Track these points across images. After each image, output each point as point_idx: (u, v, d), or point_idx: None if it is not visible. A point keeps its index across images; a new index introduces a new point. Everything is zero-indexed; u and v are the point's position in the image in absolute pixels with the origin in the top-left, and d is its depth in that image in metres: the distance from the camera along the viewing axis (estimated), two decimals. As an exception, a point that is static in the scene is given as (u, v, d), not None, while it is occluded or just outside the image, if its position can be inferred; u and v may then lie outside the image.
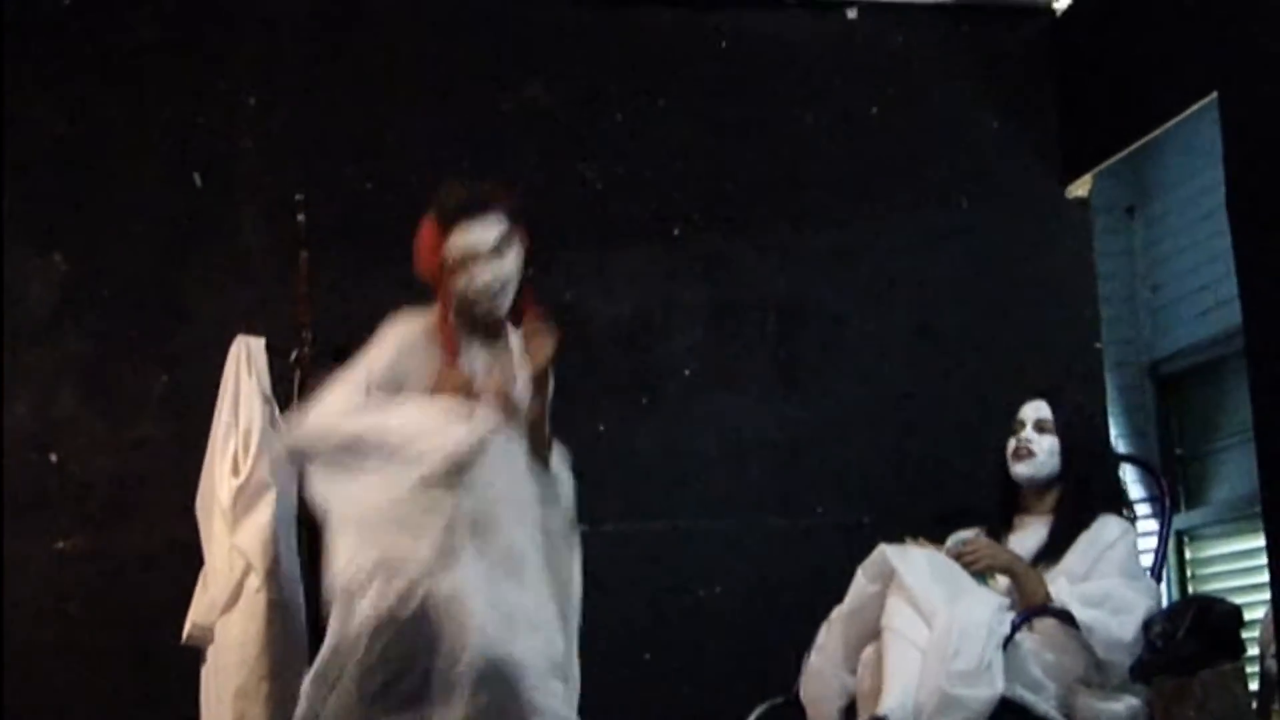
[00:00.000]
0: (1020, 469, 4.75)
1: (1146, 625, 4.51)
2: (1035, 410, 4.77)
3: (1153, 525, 5.15)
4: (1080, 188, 6.05)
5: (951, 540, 4.83)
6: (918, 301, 5.83)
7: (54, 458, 5.40)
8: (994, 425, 4.88)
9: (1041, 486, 4.76)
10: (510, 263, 4.17)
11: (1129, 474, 5.56)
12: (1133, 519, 4.78)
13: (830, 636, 4.53)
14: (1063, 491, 4.73)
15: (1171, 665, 4.72)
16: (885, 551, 4.43)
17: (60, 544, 5.32)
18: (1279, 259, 4.63)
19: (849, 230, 5.85)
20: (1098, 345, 5.98)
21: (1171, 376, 6.92)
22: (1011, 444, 4.78)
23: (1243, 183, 4.78)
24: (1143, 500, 5.62)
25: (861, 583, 4.46)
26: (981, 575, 4.55)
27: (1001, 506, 4.84)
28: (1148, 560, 4.92)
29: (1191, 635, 4.74)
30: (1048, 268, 5.95)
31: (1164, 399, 6.92)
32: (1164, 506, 5.00)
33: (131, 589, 5.21)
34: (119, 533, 5.27)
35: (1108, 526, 4.65)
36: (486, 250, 4.14)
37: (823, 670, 4.52)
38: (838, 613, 4.53)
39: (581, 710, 5.42)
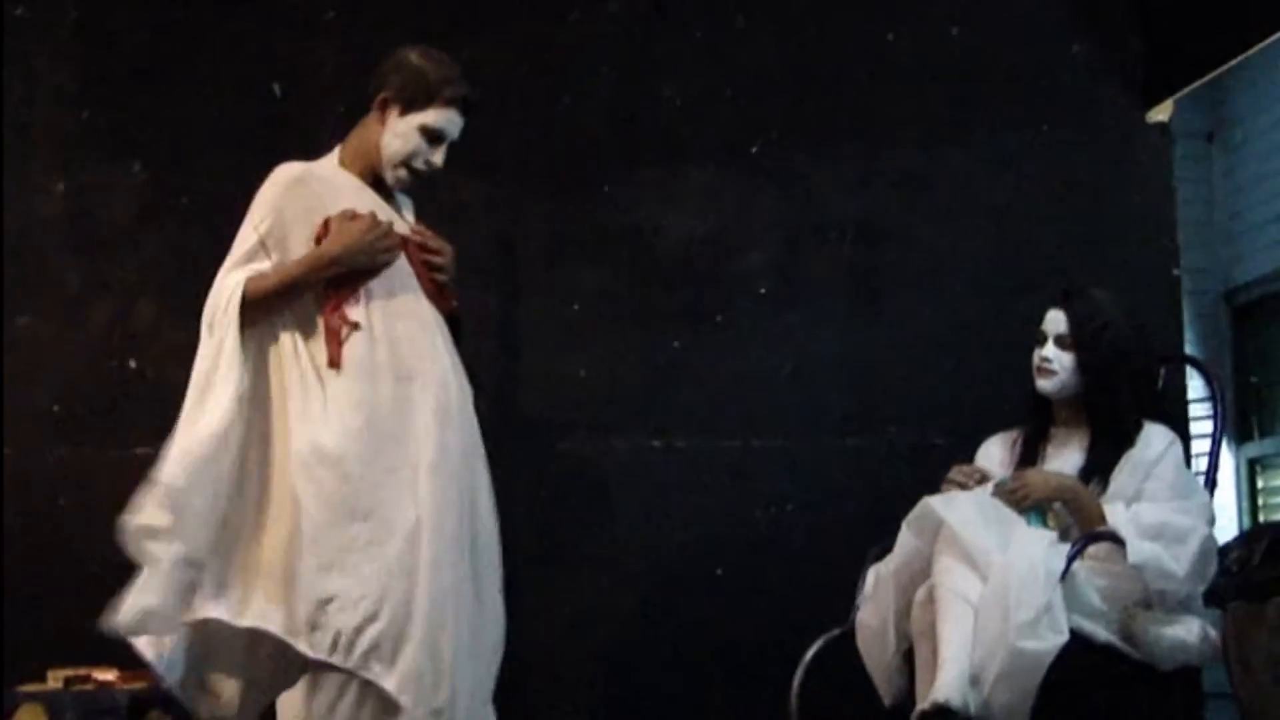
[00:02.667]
0: (1043, 385, 4.69)
1: (1223, 551, 4.49)
2: (1055, 324, 4.68)
3: (1207, 427, 5.11)
4: (1161, 113, 6.00)
5: (994, 446, 4.82)
6: (995, 224, 5.80)
7: (133, 364, 5.46)
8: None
9: (1070, 400, 4.72)
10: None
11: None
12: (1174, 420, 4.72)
13: (880, 591, 4.48)
14: (1091, 402, 4.67)
15: (1245, 591, 4.71)
16: (931, 504, 4.38)
17: (139, 450, 5.37)
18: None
19: (927, 151, 5.82)
20: (1175, 272, 5.94)
21: (1247, 304, 6.86)
22: (1034, 358, 4.72)
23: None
24: (1198, 400, 5.58)
25: (908, 537, 4.41)
26: (1038, 509, 4.54)
27: (1034, 419, 4.78)
28: (1202, 465, 4.89)
29: (1267, 562, 4.74)
30: (1127, 193, 5.91)
31: (1239, 327, 6.88)
32: (1217, 407, 4.97)
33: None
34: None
35: (1153, 439, 4.58)
36: (449, 140, 4.25)
37: (875, 625, 4.48)
38: (885, 567, 4.48)
39: (653, 621, 5.49)
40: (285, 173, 4.20)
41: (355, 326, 4.09)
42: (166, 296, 5.47)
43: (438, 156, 4.23)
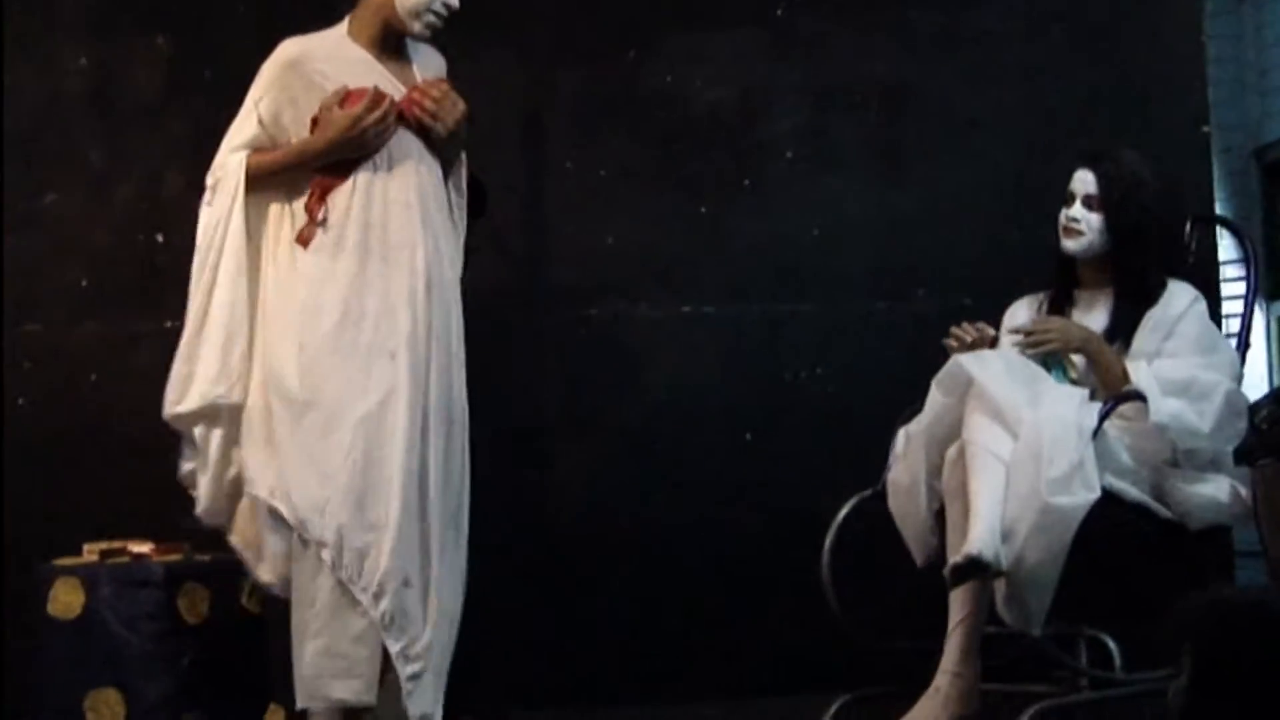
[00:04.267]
0: (1069, 245, 4.64)
1: (1252, 409, 4.48)
2: (1083, 184, 4.63)
3: (1239, 289, 5.10)
4: (1191, -33, 5.93)
5: (1021, 308, 4.80)
6: (1024, 84, 5.75)
7: (160, 238, 5.46)
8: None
9: (1096, 260, 4.70)
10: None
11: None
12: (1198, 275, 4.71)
13: (911, 450, 4.48)
14: (1118, 261, 4.64)
15: (1276, 448, 4.72)
16: (961, 361, 4.37)
17: (169, 323, 5.38)
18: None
19: (954, 12, 5.76)
20: (1205, 129, 5.89)
21: (1278, 162, 6.83)
22: (1061, 218, 4.68)
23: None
24: (1230, 262, 5.56)
25: (937, 395, 4.40)
26: (1058, 361, 4.53)
27: (1060, 279, 4.76)
28: (1234, 325, 4.88)
29: (1297, 420, 4.74)
30: (1156, 50, 5.84)
31: (1270, 183, 6.85)
32: (1251, 268, 4.94)
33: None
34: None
35: (1175, 297, 4.55)
36: None
37: (906, 484, 4.48)
38: (916, 426, 4.48)
39: (684, 484, 5.51)
40: (284, 51, 4.22)
41: (321, 223, 4.13)
42: (192, 170, 5.41)
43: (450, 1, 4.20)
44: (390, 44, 4.25)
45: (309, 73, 4.18)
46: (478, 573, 4.28)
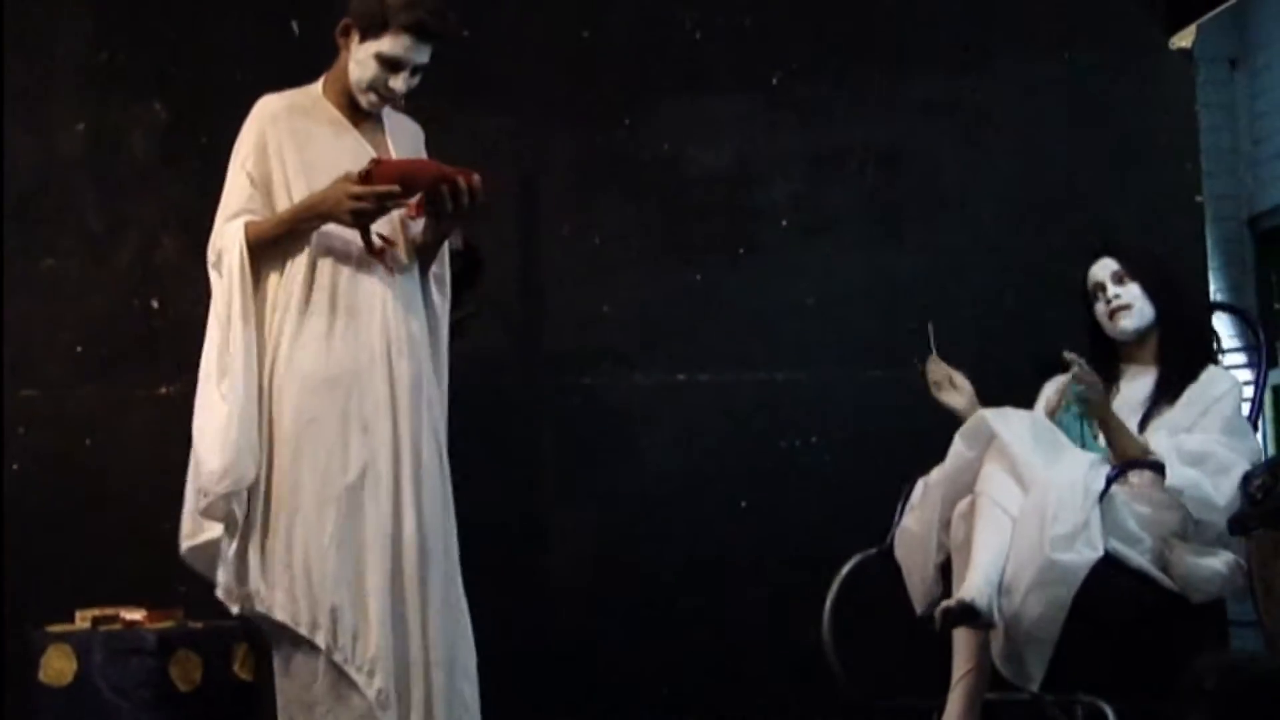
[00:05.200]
0: (1124, 324, 4.69)
1: (1246, 478, 4.49)
2: (1105, 268, 4.71)
3: (1248, 375, 5.12)
4: (1184, 39, 5.95)
5: (1043, 399, 4.82)
6: (1017, 151, 5.77)
7: (155, 304, 5.46)
8: (1093, 276, 4.84)
9: (1144, 335, 4.73)
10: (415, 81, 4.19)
11: (1225, 325, 5.53)
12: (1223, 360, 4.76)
13: (927, 499, 4.50)
14: (1162, 335, 4.70)
15: (1269, 519, 4.71)
16: (984, 416, 4.40)
17: (164, 389, 5.39)
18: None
19: (949, 79, 5.78)
20: (1198, 199, 5.91)
21: (1271, 231, 6.85)
22: (1100, 308, 4.72)
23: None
24: (1238, 350, 5.58)
25: (960, 448, 4.42)
26: (1087, 422, 4.55)
27: (1103, 363, 4.79)
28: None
29: (1291, 489, 4.73)
30: (1149, 119, 5.87)
31: (1263, 254, 6.86)
32: (1261, 356, 4.97)
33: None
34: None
35: (1216, 380, 4.60)
36: (415, 66, 4.15)
37: (917, 532, 4.50)
38: (935, 476, 4.50)
39: (680, 555, 5.50)
40: (264, 107, 4.21)
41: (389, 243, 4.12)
42: (189, 234, 5.45)
43: (398, 83, 4.13)
44: (360, 107, 4.22)
45: (291, 128, 4.16)
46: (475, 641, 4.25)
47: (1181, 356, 4.65)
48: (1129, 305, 4.69)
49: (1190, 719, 4.12)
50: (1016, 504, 4.21)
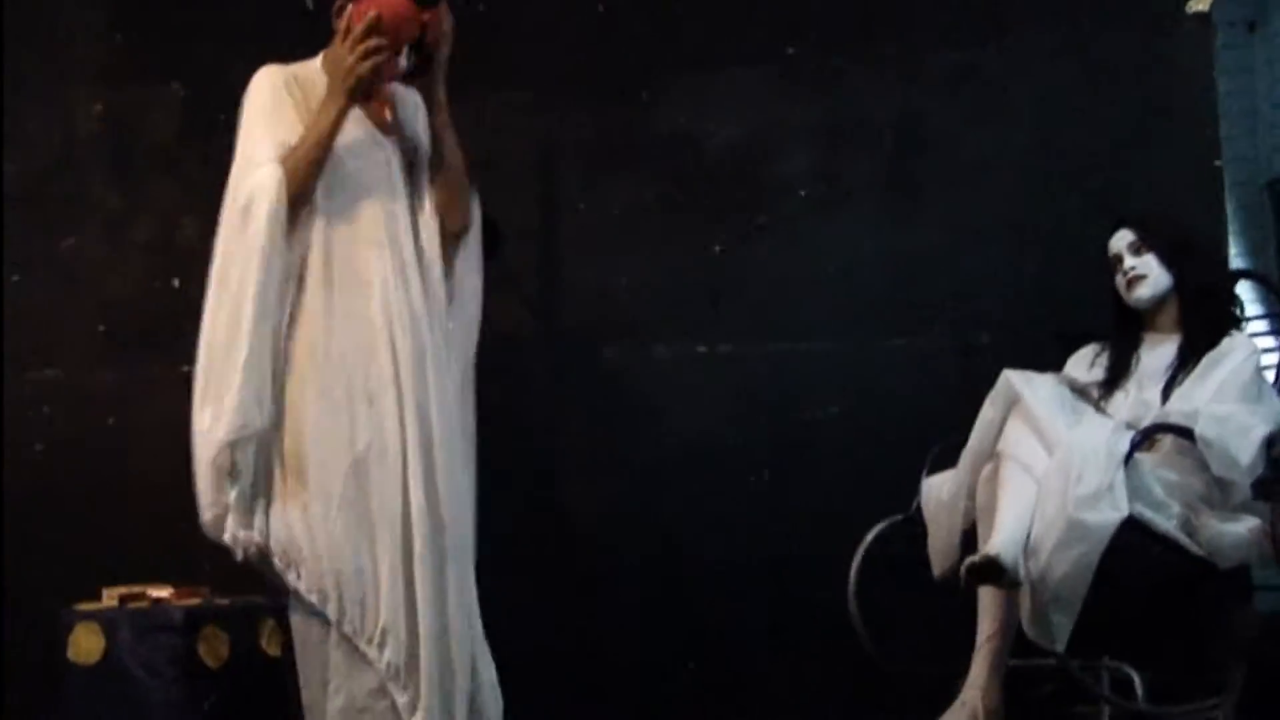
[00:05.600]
0: (1139, 293, 4.72)
1: (1269, 443, 4.50)
2: (1122, 239, 4.75)
3: (1269, 342, 5.12)
4: (1201, 3, 5.93)
5: (1086, 353, 4.82)
6: (1035, 120, 5.75)
7: (177, 283, 5.48)
8: (1113, 243, 4.84)
9: (1162, 303, 4.74)
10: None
11: (1245, 290, 5.53)
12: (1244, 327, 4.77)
13: (959, 465, 4.51)
14: (1182, 303, 4.72)
15: (1293, 483, 4.72)
16: (1009, 377, 4.42)
17: (185, 368, 5.39)
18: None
19: (965, 48, 5.77)
20: (1217, 163, 5.90)
21: (1291, 195, 6.82)
22: (1119, 279, 4.76)
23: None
24: (1260, 317, 5.58)
25: (986, 411, 4.44)
26: None
27: (1125, 331, 4.81)
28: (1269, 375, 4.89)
29: (1313, 453, 4.73)
30: (1167, 85, 5.85)
31: (1282, 218, 6.83)
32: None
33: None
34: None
35: (1235, 347, 4.61)
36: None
37: (944, 498, 4.52)
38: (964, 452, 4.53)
39: (700, 525, 5.51)
40: (268, 75, 4.16)
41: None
42: (209, 214, 5.45)
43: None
44: None
45: (297, 99, 4.11)
46: (492, 612, 4.26)
47: (1202, 324, 4.67)
48: (1144, 276, 4.72)
49: (1229, 672, 4.15)
50: (1041, 464, 4.23)
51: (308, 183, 4.00)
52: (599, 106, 5.70)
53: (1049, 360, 4.86)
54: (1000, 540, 4.13)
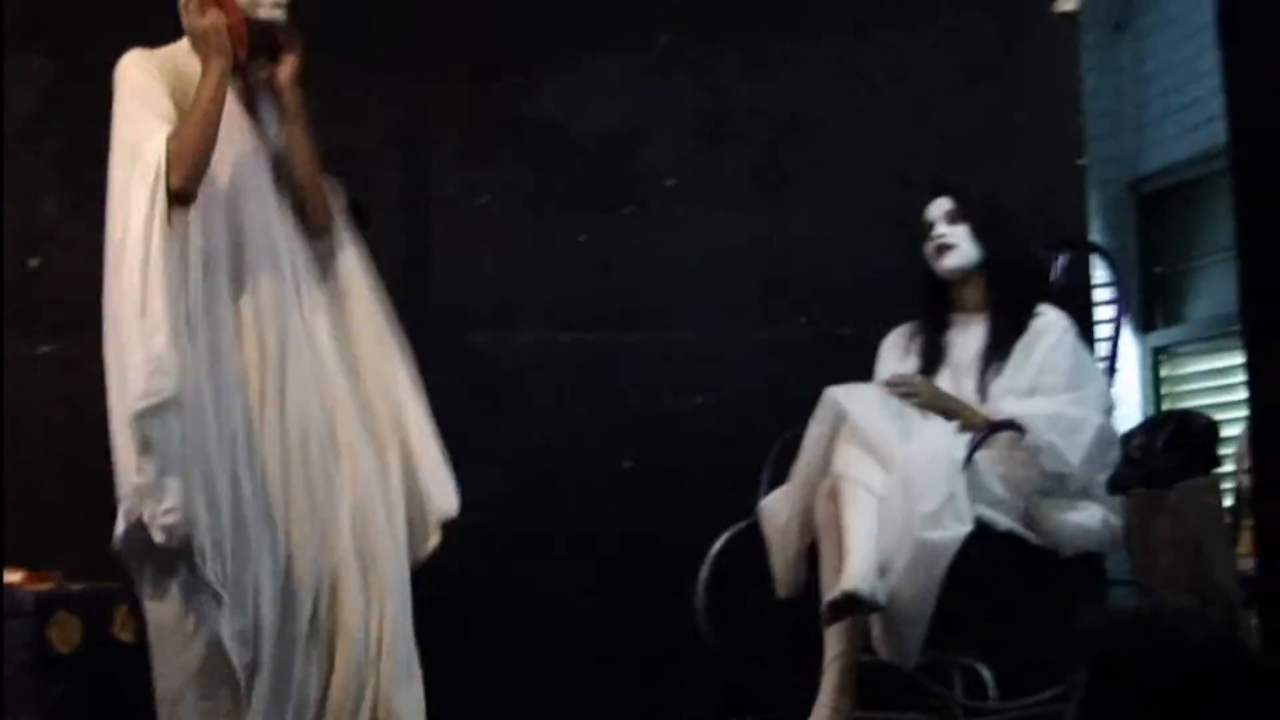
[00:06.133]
0: (945, 262, 4.71)
1: (1126, 438, 4.55)
2: (939, 207, 4.75)
3: (1109, 311, 5.18)
4: (1068, 2, 5.99)
5: (896, 338, 4.83)
6: (903, 113, 5.78)
7: (34, 261, 5.39)
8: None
9: (967, 277, 4.74)
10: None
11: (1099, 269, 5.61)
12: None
13: (791, 482, 4.53)
14: (990, 279, 4.71)
15: (1148, 478, 4.79)
16: (833, 394, 4.41)
17: (42, 348, 5.33)
18: (1265, 77, 4.59)
19: (836, 41, 5.79)
20: (1081, 161, 5.96)
21: (1154, 193, 6.93)
22: (928, 246, 4.75)
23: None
24: (1101, 286, 5.63)
25: (812, 429, 4.45)
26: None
27: (932, 308, 4.81)
28: (1104, 350, 4.95)
29: (1169, 448, 4.81)
30: (1034, 83, 5.90)
31: (1146, 216, 6.94)
32: (1120, 293, 5.03)
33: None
34: (102, 338, 5.27)
35: (1047, 328, 4.61)
36: None
37: (782, 519, 4.52)
38: (798, 458, 4.53)
39: (562, 516, 5.50)
40: (137, 59, 4.09)
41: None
42: (68, 191, 5.40)
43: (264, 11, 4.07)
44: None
45: (167, 74, 4.06)
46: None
47: (1009, 303, 4.66)
48: (954, 245, 4.70)
49: (1073, 671, 4.19)
50: (879, 482, 4.22)
51: (202, 150, 3.94)
52: (469, 89, 5.67)
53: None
54: (854, 572, 4.11)
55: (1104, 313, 5.56)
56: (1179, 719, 3.00)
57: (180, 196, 3.91)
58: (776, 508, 4.53)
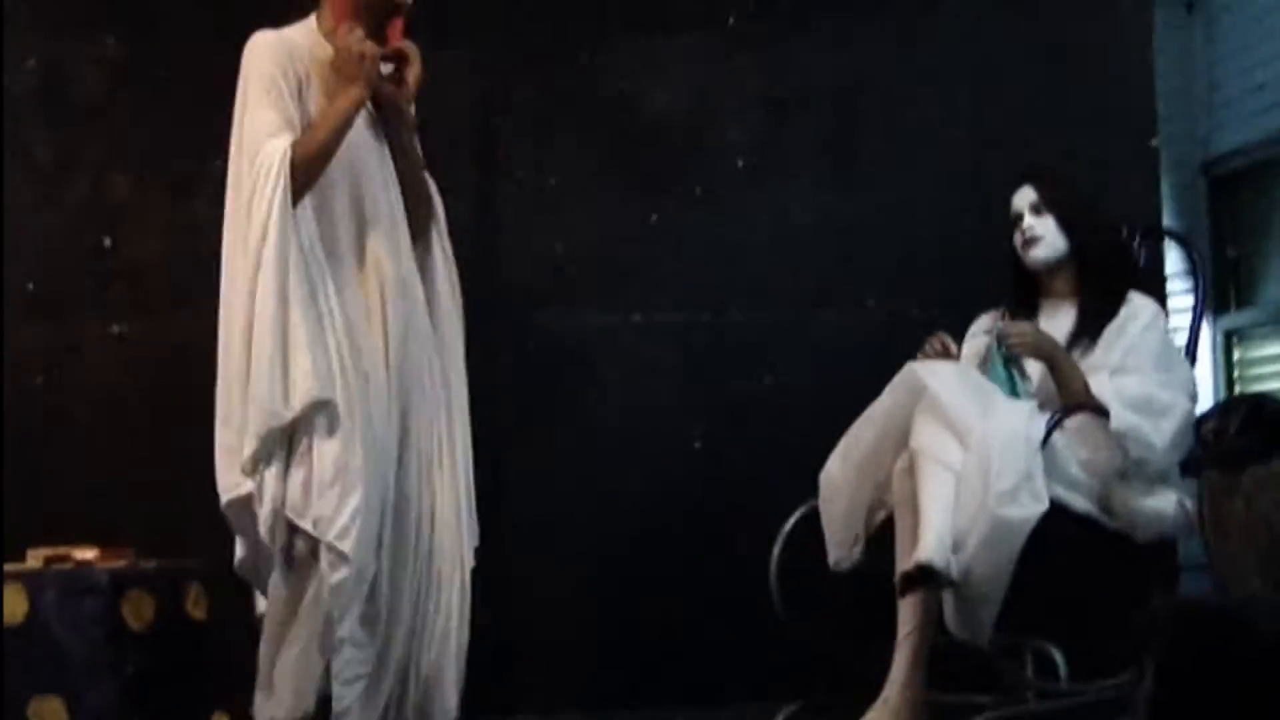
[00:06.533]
0: (1034, 254, 4.72)
1: (1198, 421, 4.52)
2: (1025, 197, 4.73)
3: (1188, 300, 5.15)
4: (1141, -19, 5.96)
5: (985, 322, 4.82)
6: (973, 94, 5.77)
7: (108, 242, 5.42)
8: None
9: (1057, 266, 4.73)
10: None
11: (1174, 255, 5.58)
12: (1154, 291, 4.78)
13: (853, 450, 4.51)
14: (1080, 267, 4.71)
15: (1221, 460, 4.74)
16: (915, 369, 4.41)
17: (116, 328, 5.37)
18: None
19: (905, 19, 5.77)
20: (1154, 143, 5.93)
21: (1226, 175, 6.85)
22: (1017, 237, 4.74)
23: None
24: (1178, 275, 5.60)
25: (888, 400, 4.44)
26: (1010, 371, 4.54)
27: (1022, 295, 4.81)
28: (1181, 338, 4.92)
29: (1242, 432, 4.76)
30: (1106, 62, 5.88)
31: (1217, 198, 6.87)
32: (1197, 282, 5.00)
33: (187, 372, 5.23)
34: (175, 317, 5.31)
35: (1138, 312, 4.61)
36: None
37: (841, 483, 4.51)
38: (860, 428, 4.52)
39: (633, 496, 5.50)
40: (266, 47, 3.99)
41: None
42: (141, 171, 5.43)
43: None
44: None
45: (293, 56, 3.99)
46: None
47: (1099, 290, 4.66)
48: (1041, 237, 4.70)
49: (1143, 660, 4.16)
50: (957, 459, 4.20)
51: (320, 167, 3.92)
52: (538, 71, 5.67)
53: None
54: (929, 545, 4.11)
55: (1178, 300, 5.54)
56: (1247, 708, 2.99)
57: (294, 199, 3.89)
58: (836, 471, 4.51)
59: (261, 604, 4.06)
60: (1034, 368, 4.58)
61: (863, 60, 5.74)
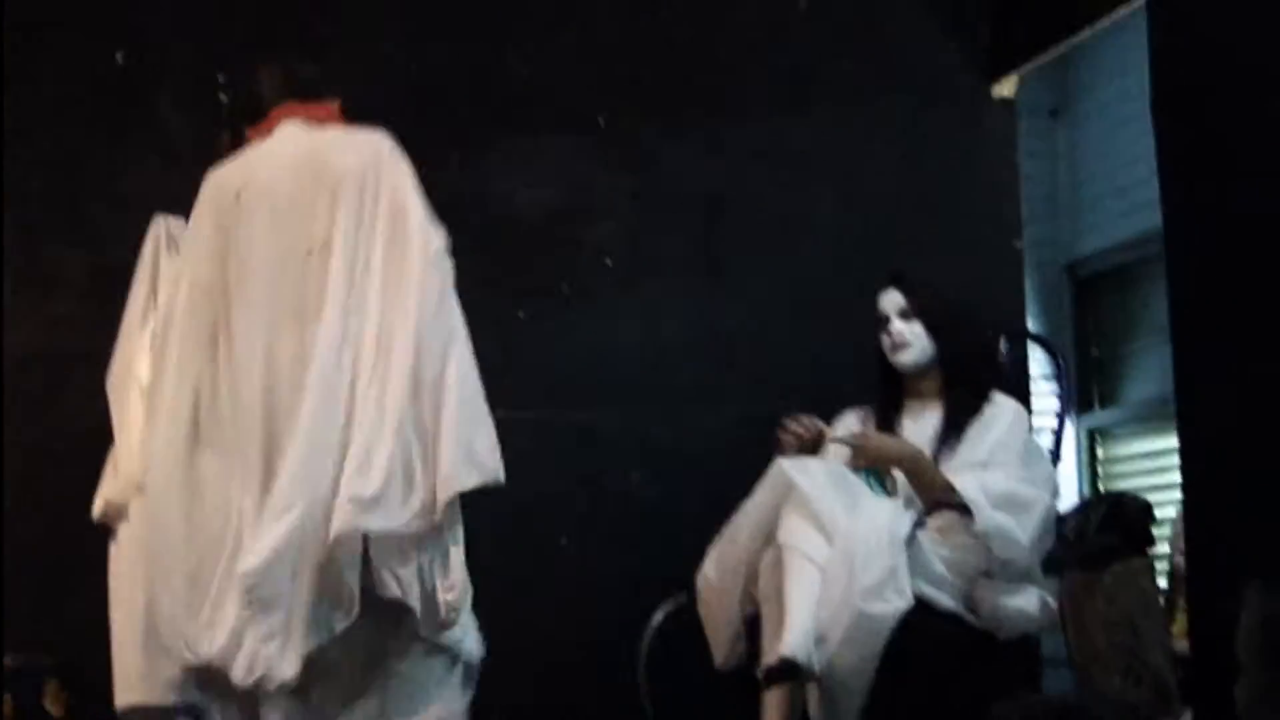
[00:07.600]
0: (902, 359, 4.72)
1: (1060, 520, 4.56)
2: (892, 301, 4.74)
3: (1053, 403, 5.21)
4: (1006, 88, 6.07)
5: (850, 419, 4.85)
6: (841, 196, 5.84)
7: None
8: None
9: (924, 369, 4.76)
10: None
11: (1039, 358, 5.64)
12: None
13: (727, 550, 4.50)
14: (946, 370, 4.74)
15: (1083, 560, 4.82)
16: (782, 465, 4.42)
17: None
18: (1199, 163, 4.66)
19: (773, 123, 5.84)
20: (1018, 244, 6.01)
21: (1090, 277, 6.99)
22: (884, 339, 4.76)
23: (1167, 87, 4.80)
24: (1044, 378, 5.67)
25: (759, 498, 4.44)
26: (877, 472, 4.58)
27: (887, 396, 4.83)
28: (1047, 438, 4.97)
29: (1103, 530, 4.84)
30: (971, 166, 5.98)
31: (1082, 299, 7.00)
32: (1063, 384, 5.07)
33: (52, 469, 5.18)
34: (42, 413, 5.25)
35: (1000, 411, 4.64)
36: None
37: (717, 583, 4.49)
38: (733, 528, 4.53)
39: (497, 591, 5.46)
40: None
41: None
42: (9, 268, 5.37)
43: None
44: None
45: None
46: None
47: (964, 392, 4.69)
48: (909, 343, 4.73)
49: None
50: (823, 554, 4.22)
51: None
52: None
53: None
54: (793, 640, 4.10)
55: (1043, 401, 5.60)
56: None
57: None
58: (712, 574, 4.52)
59: (122, 698, 4.02)
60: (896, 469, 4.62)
61: (732, 162, 5.80)
